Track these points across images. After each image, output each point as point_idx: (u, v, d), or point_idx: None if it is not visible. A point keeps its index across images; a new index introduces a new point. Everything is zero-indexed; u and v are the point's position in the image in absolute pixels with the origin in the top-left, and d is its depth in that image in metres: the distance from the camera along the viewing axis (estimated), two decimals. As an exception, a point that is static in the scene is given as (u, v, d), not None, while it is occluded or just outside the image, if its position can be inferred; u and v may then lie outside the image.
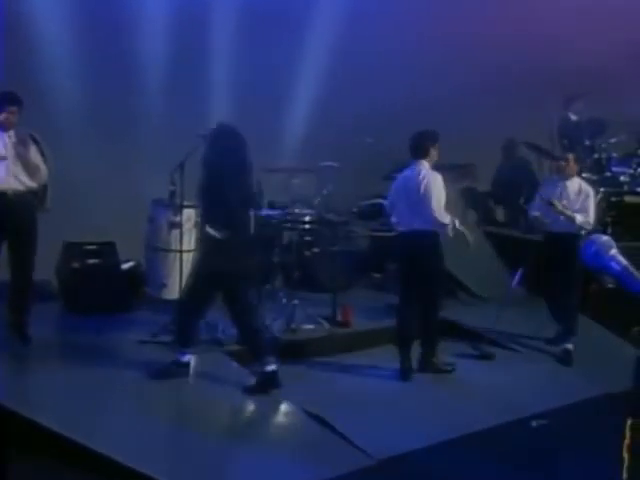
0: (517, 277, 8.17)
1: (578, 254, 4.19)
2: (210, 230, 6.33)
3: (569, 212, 7.82)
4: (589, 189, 8.07)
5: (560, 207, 7.83)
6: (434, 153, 7.29)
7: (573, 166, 8.15)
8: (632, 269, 3.69)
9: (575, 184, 8.07)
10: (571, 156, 8.25)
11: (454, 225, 7.17)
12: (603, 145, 10.03)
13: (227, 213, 6.32)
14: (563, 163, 8.19)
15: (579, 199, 7.95)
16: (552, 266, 7.88)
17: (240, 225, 6.47)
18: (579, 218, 7.78)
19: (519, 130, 10.49)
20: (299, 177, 8.12)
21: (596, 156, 9.98)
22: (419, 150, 7.27)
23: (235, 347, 7.07)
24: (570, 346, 7.86)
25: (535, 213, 8.17)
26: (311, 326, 7.81)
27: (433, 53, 10.10)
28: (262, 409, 6.51)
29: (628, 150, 10.16)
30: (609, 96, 10.06)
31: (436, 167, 7.31)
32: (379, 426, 6.17)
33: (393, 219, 7.44)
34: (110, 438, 5.53)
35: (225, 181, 6.30)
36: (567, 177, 8.10)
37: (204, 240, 6.49)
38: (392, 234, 7.70)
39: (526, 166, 10.91)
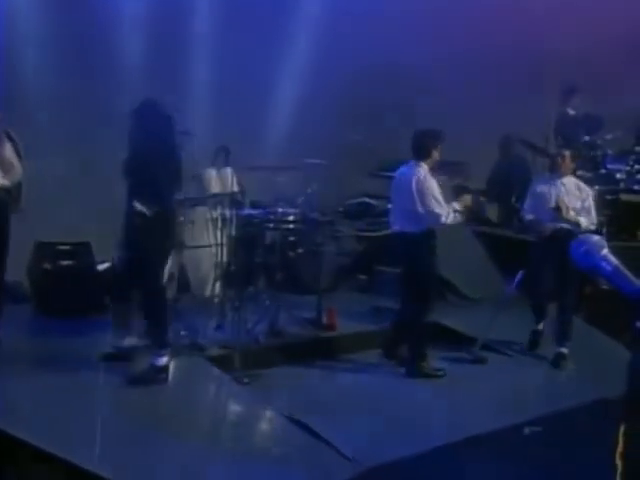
0: (516, 281, 7.81)
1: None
2: (138, 205, 6.26)
3: (574, 217, 7.55)
4: (587, 188, 7.85)
5: (565, 213, 7.54)
6: (436, 154, 7.02)
7: (569, 163, 7.87)
8: (623, 269, 3.53)
9: (572, 183, 7.83)
10: (567, 153, 7.96)
11: (453, 212, 6.97)
12: (599, 142, 9.86)
13: (154, 190, 6.28)
14: (559, 159, 7.90)
15: (579, 199, 7.70)
16: (549, 267, 7.58)
17: (166, 203, 6.43)
18: (584, 221, 7.53)
19: (513, 127, 10.35)
20: (283, 175, 7.96)
21: (591, 153, 9.80)
22: (420, 151, 6.99)
23: (216, 352, 6.96)
24: (564, 350, 7.63)
25: (529, 216, 7.91)
26: (295, 329, 7.69)
27: (423, 51, 9.96)
28: (244, 415, 6.39)
29: (624, 147, 9.99)
30: (606, 92, 9.92)
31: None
32: (366, 432, 6.06)
33: (390, 218, 7.32)
34: (83, 446, 5.30)
35: (150, 157, 6.29)
36: (561, 175, 7.83)
37: (130, 216, 6.36)
38: (379, 234, 7.57)
39: (522, 164, 10.76)
